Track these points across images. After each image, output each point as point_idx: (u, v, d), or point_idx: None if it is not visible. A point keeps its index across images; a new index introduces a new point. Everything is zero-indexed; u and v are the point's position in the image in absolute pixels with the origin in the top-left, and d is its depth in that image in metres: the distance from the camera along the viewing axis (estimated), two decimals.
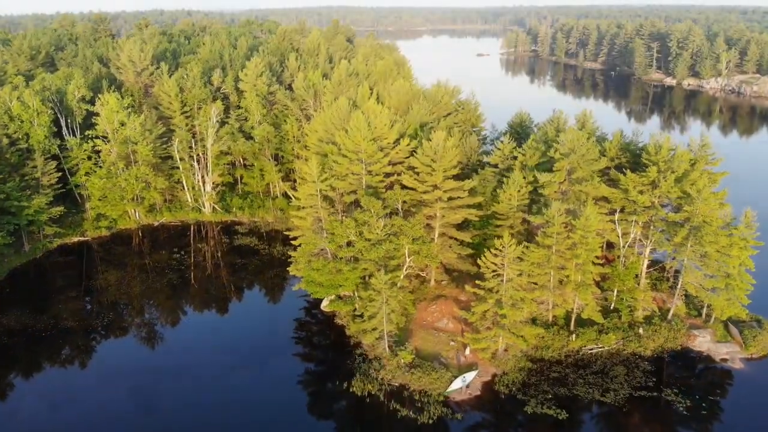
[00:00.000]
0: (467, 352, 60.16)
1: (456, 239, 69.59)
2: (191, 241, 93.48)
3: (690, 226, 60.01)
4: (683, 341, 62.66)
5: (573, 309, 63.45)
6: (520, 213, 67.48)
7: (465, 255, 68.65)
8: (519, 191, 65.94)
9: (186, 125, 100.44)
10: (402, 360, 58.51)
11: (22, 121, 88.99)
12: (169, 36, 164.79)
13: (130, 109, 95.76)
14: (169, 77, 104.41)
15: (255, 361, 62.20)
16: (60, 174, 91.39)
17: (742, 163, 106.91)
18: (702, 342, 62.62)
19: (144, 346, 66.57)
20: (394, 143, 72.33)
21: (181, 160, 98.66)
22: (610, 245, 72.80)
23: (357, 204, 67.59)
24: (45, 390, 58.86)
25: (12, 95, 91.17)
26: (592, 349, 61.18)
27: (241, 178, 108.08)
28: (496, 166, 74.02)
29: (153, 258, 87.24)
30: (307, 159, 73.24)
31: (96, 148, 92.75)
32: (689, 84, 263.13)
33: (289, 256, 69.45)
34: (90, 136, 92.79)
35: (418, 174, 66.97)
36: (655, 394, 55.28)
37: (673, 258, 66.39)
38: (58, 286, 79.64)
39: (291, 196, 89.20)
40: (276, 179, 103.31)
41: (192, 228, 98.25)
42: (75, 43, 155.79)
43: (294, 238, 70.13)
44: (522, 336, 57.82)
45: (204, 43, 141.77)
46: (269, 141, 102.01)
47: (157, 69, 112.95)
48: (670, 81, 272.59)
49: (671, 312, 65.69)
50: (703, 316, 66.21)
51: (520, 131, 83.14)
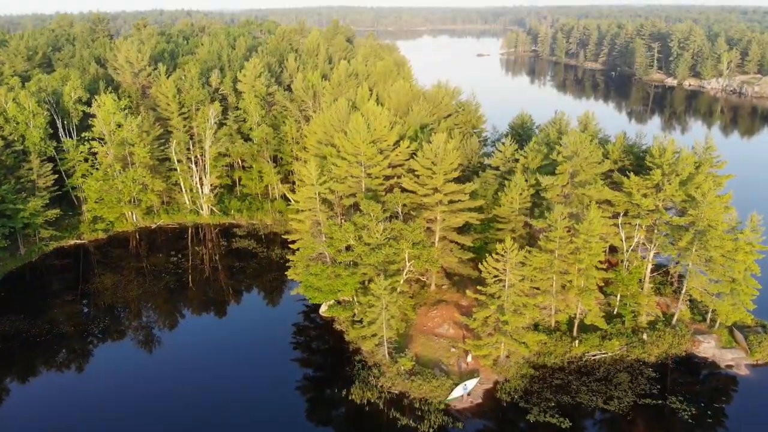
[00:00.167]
0: (469, 358, 59.15)
1: (457, 243, 68.64)
2: (189, 244, 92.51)
3: (695, 230, 59.02)
4: (688, 347, 61.68)
5: (576, 314, 62.46)
6: (521, 216, 66.55)
7: (466, 259, 67.69)
8: (521, 194, 65.02)
9: (184, 127, 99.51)
10: (402, 367, 57.52)
11: (17, 123, 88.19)
12: (167, 36, 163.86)
13: (127, 111, 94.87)
14: (167, 78, 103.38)
15: (253, 366, 61.19)
16: (56, 176, 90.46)
17: (743, 164, 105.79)
18: (707, 348, 61.64)
19: (141, 350, 65.70)
20: (393, 145, 71.31)
21: (179, 161, 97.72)
22: (612, 249, 71.89)
23: (356, 207, 66.63)
24: (41, 394, 57.87)
25: (8, 96, 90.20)
26: (595, 356, 60.20)
27: (240, 180, 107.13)
28: (497, 168, 73.03)
29: (150, 261, 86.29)
30: (306, 161, 72.25)
31: (92, 150, 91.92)
32: (690, 84, 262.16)
33: (288, 259, 68.51)
34: (86, 137, 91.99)
35: (418, 177, 65.98)
36: (660, 401, 54.31)
37: (677, 262, 65.41)
38: (54, 289, 78.73)
39: (290, 198, 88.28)
40: (275, 181, 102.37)
41: (190, 230, 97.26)
42: (72, 44, 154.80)
43: (292, 241, 69.24)
44: (524, 342, 56.81)
45: (202, 44, 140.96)
46: (268, 142, 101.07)
47: (155, 70, 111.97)
48: (671, 81, 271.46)
49: (675, 317, 64.71)
50: (708, 321, 65.20)
51: (521, 133, 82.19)
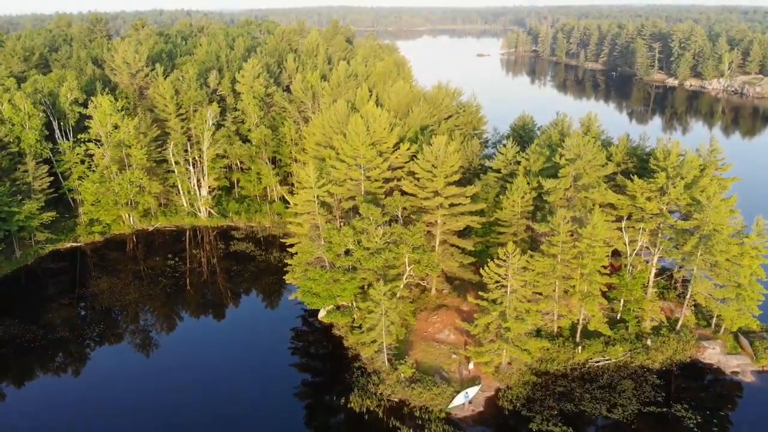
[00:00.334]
0: (471, 366, 58.12)
1: (458, 247, 67.56)
2: (186, 247, 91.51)
3: (700, 234, 57.99)
4: (692, 353, 60.67)
5: (579, 320, 61.41)
6: (523, 220, 65.48)
7: (467, 263, 66.62)
8: (523, 198, 63.95)
9: (181, 128, 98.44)
10: (402, 374, 56.45)
11: (13, 124, 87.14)
12: (166, 37, 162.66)
13: (123, 112, 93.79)
14: (165, 79, 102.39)
15: (250, 371, 60.29)
16: (52, 178, 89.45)
17: (745, 166, 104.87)
18: (712, 354, 60.66)
19: (137, 354, 64.77)
20: (393, 147, 70.27)
21: (177, 163, 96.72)
22: (616, 253, 70.77)
23: (355, 211, 65.57)
24: (37, 400, 57.09)
25: (3, 97, 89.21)
26: (598, 362, 59.18)
27: (238, 181, 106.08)
28: (498, 171, 71.86)
29: (147, 264, 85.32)
30: (305, 163, 71.23)
31: (89, 151, 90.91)
32: (691, 85, 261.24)
33: (286, 263, 67.50)
34: (83, 139, 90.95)
35: (418, 180, 64.93)
36: (665, 409, 53.31)
37: (682, 267, 64.40)
38: (50, 293, 77.67)
39: (288, 200, 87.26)
40: (273, 183, 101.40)
41: (187, 233, 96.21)
42: (69, 45, 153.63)
43: (291, 245, 68.21)
44: (526, 349, 55.75)
45: (201, 44, 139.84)
46: (266, 144, 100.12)
47: (153, 70, 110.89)
48: (672, 82, 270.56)
49: (680, 322, 63.63)
50: (713, 326, 64.22)
51: (522, 134, 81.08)
